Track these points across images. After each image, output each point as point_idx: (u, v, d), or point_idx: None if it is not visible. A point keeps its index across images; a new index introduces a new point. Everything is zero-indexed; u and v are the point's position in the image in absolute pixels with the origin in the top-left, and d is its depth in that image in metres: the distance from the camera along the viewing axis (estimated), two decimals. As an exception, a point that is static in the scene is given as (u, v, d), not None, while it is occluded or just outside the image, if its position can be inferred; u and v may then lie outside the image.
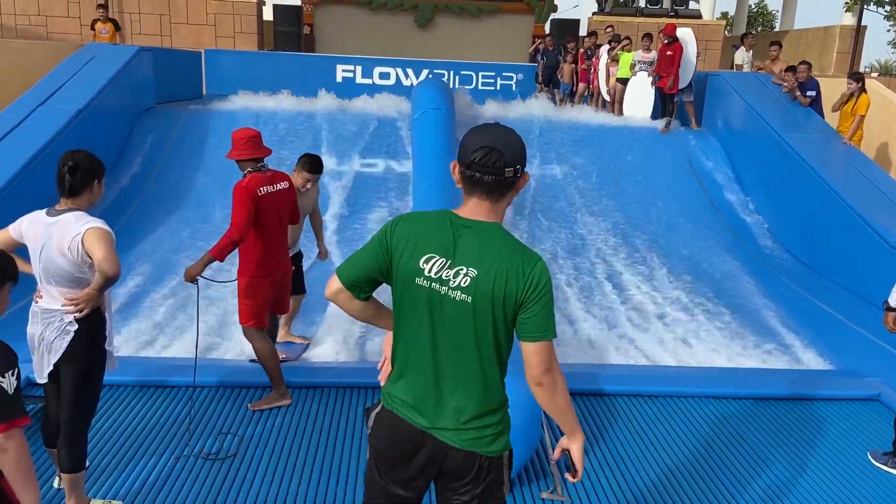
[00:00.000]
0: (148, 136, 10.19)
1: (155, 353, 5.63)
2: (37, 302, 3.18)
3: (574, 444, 2.18)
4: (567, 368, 5.08)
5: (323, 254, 5.84)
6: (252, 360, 4.91)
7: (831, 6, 25.53)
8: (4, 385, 2.09)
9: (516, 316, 2.04)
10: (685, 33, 11.60)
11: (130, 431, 4.17)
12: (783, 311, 7.09)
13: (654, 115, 11.65)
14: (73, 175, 3.08)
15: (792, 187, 8.67)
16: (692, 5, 18.56)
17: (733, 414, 4.79)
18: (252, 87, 12.71)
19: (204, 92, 13.59)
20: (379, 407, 2.24)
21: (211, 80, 13.81)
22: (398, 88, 13.62)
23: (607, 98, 12.51)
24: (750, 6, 27.79)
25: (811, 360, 6.15)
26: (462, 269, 2.03)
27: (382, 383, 2.27)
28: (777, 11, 34.60)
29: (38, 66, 11.87)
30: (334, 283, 2.18)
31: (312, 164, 5.29)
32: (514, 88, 14.38)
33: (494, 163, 2.00)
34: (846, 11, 16.26)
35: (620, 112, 12.00)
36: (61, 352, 3.12)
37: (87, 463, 3.50)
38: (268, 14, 16.86)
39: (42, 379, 3.22)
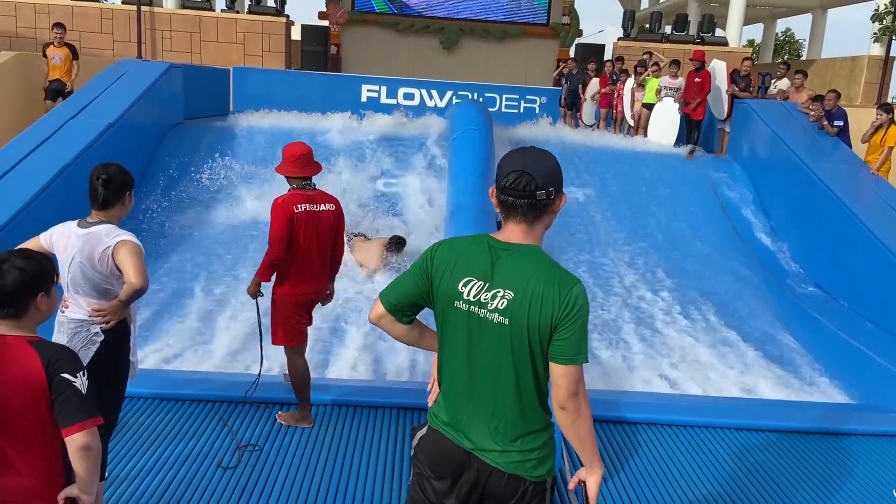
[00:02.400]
0: (175, 152, 10.33)
1: (177, 367, 5.66)
2: (63, 311, 3.21)
3: (591, 478, 2.11)
4: (588, 394, 5.08)
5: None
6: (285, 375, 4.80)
7: (859, 36, 25.40)
8: (78, 385, 2.11)
9: (552, 338, 2.03)
10: (717, 65, 11.53)
11: (150, 443, 4.19)
12: (807, 342, 6.99)
13: (679, 142, 11.61)
14: (106, 188, 3.13)
15: (818, 217, 8.56)
16: (718, 32, 18.54)
17: (755, 446, 4.71)
18: (278, 104, 12.90)
19: (231, 109, 13.77)
20: (425, 427, 2.26)
21: (238, 97, 13.98)
22: (422, 109, 13.71)
23: (631, 123, 12.50)
24: (777, 34, 27.73)
25: (836, 393, 6.04)
26: (500, 292, 2.04)
27: (430, 404, 2.28)
28: (804, 40, 34.51)
29: (72, 80, 12.11)
30: (378, 308, 2.23)
31: None
32: (537, 111, 14.40)
33: (525, 186, 2.02)
34: (874, 42, 16.13)
35: (645, 137, 11.97)
36: (86, 362, 3.13)
37: (107, 474, 3.51)
38: (296, 34, 17.10)
39: (66, 389, 3.23)
